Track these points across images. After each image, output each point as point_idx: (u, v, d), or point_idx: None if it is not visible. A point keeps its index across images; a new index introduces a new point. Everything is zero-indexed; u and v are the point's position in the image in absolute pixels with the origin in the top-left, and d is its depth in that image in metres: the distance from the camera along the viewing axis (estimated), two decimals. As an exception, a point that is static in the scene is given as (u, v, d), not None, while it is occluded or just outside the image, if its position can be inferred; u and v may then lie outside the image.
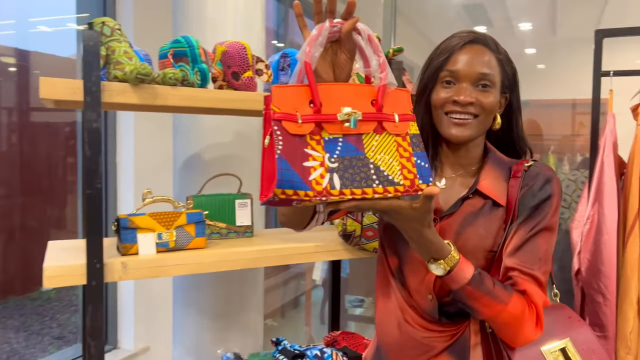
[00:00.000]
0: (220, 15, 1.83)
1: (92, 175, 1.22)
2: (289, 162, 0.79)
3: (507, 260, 1.02)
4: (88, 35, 1.22)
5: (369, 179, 0.83)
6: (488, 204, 1.07)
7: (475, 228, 1.06)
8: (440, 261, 0.96)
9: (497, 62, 1.08)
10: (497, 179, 1.09)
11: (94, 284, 1.26)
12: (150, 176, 2.60)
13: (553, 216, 1.04)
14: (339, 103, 0.84)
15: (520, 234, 1.03)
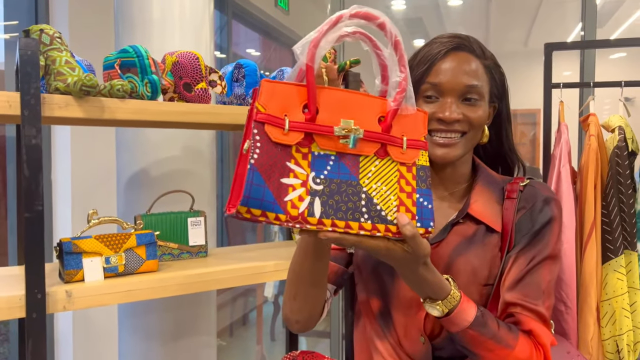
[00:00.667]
0: (166, 22, 1.74)
1: (31, 196, 1.11)
2: (262, 176, 0.65)
3: (508, 295, 0.90)
4: (25, 44, 1.11)
5: (357, 211, 0.69)
6: (481, 229, 0.94)
7: (467, 258, 0.93)
8: (438, 302, 0.84)
9: (485, 69, 0.95)
10: (490, 200, 0.96)
11: (34, 317, 1.13)
12: (90, 195, 2.44)
13: (557, 243, 0.93)
14: (340, 114, 0.70)
15: (520, 265, 0.91)
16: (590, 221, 1.51)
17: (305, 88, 0.69)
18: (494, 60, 0.99)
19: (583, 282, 1.52)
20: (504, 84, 1.00)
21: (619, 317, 1.49)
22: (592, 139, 1.53)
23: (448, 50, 0.94)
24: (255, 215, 0.65)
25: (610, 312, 1.51)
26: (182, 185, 1.68)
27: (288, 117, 0.67)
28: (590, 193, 1.52)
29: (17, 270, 1.40)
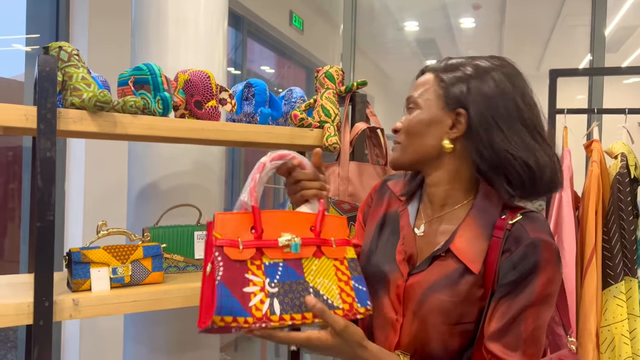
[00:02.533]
0: (180, 41, 1.79)
1: (44, 206, 1.15)
2: (229, 289, 0.79)
3: (489, 345, 0.87)
4: (44, 60, 1.16)
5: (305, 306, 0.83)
6: (461, 267, 0.90)
7: (440, 297, 0.90)
8: None
9: (438, 79, 0.95)
10: (476, 236, 0.91)
11: (41, 324, 1.17)
12: (101, 206, 2.49)
13: (544, 289, 0.86)
14: (280, 229, 0.86)
15: (501, 313, 0.87)
16: (591, 247, 1.51)
17: (249, 214, 0.86)
18: (463, 70, 0.94)
19: (583, 307, 1.52)
20: (477, 89, 0.91)
21: (618, 344, 1.48)
22: (595, 165, 1.54)
23: (416, 78, 1.01)
24: (227, 322, 0.78)
25: (609, 338, 1.50)
26: (190, 199, 1.72)
27: (240, 238, 0.83)
28: (592, 218, 1.52)
29: (27, 278, 1.44)
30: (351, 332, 0.84)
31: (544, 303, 0.87)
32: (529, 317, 0.86)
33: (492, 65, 0.94)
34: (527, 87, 0.95)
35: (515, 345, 0.86)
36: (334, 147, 1.51)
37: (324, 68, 1.60)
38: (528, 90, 0.94)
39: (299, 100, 1.65)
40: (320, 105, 1.57)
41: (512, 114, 0.91)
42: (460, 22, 4.63)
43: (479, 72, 0.93)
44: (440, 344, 0.91)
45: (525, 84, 0.95)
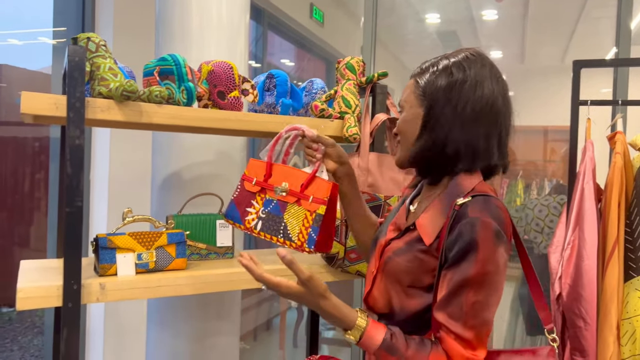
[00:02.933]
0: (204, 32, 1.82)
1: (73, 193, 1.19)
2: (236, 205, 1.25)
3: (436, 314, 0.99)
4: (73, 51, 1.19)
5: (277, 231, 1.19)
6: (418, 238, 1.04)
7: (398, 260, 1.05)
8: (349, 332, 1.00)
9: (414, 81, 1.08)
10: (439, 213, 1.03)
11: (70, 306, 1.21)
12: (125, 194, 2.54)
13: (482, 267, 0.95)
14: (282, 179, 1.21)
15: (445, 284, 0.98)
16: (613, 239, 1.50)
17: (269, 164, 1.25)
18: (434, 68, 1.06)
19: (604, 299, 1.51)
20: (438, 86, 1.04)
21: (639, 337, 1.47)
22: (618, 157, 1.52)
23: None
24: (230, 223, 1.26)
25: (630, 331, 1.49)
26: (213, 188, 1.75)
27: (256, 178, 1.23)
28: (614, 211, 1.51)
29: (56, 263, 1.48)
30: (314, 283, 0.99)
31: (483, 281, 0.95)
32: (469, 290, 0.95)
33: (455, 60, 1.05)
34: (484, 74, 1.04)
35: (458, 315, 0.96)
36: (354, 138, 1.52)
37: (345, 59, 1.61)
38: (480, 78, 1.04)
39: (320, 91, 1.67)
40: (340, 96, 1.58)
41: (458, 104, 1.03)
42: (482, 14, 4.57)
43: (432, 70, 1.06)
44: (397, 302, 1.06)
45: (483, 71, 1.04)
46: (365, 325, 0.99)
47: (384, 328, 1.00)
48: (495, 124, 1.03)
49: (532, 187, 4.04)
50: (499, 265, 0.96)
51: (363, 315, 1.01)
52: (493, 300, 0.97)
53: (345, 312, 1.01)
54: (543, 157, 4.06)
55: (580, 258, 1.53)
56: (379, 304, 1.10)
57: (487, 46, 5.38)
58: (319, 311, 1.01)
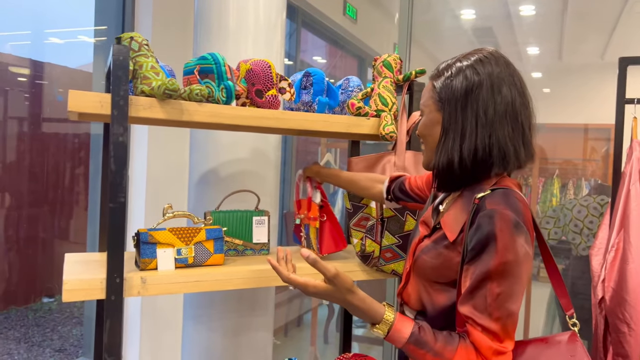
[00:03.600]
0: (241, 32, 1.84)
1: (116, 189, 1.22)
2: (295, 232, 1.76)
3: (461, 307, 1.00)
4: (117, 50, 1.22)
5: (310, 245, 1.64)
6: (443, 236, 1.07)
7: (427, 258, 1.08)
8: (377, 325, 1.02)
9: (431, 85, 1.10)
10: (461, 211, 1.05)
11: (113, 299, 1.24)
12: (163, 190, 2.59)
13: (502, 257, 0.95)
14: (304, 210, 1.67)
15: (468, 277, 0.99)
16: (659, 242, 1.45)
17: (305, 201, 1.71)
18: (450, 70, 1.06)
19: (649, 303, 1.46)
20: (452, 90, 1.05)
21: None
22: (665, 157, 1.48)
23: None
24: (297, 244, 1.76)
25: (676, 336, 1.44)
26: (248, 185, 1.77)
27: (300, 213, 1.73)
28: (661, 212, 1.46)
29: (98, 257, 1.53)
30: (341, 279, 1.01)
31: (504, 272, 0.95)
32: (491, 282, 0.96)
33: (468, 63, 1.05)
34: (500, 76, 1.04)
35: (482, 307, 0.96)
36: (390, 136, 1.52)
37: (382, 57, 1.61)
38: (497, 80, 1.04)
39: (356, 89, 1.66)
40: (377, 93, 1.57)
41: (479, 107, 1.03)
42: (519, 9, 4.47)
43: (448, 73, 1.06)
44: (427, 298, 1.09)
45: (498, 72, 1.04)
46: (392, 319, 1.01)
47: (411, 322, 1.01)
48: (517, 123, 1.03)
49: (569, 186, 3.94)
50: (518, 255, 0.96)
51: (391, 309, 1.03)
52: (517, 290, 0.97)
53: (374, 306, 1.03)
54: (582, 156, 3.95)
55: (624, 261, 1.49)
56: (412, 300, 1.13)
57: (524, 42, 5.27)
58: (347, 306, 1.03)
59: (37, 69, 3.62)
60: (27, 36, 3.66)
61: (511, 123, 1.03)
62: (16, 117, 3.52)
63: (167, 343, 2.68)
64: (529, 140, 1.06)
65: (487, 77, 1.03)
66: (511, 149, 1.03)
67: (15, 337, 3.41)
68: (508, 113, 1.02)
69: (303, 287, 1.04)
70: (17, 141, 3.50)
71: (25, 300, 3.75)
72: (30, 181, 3.54)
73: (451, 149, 1.04)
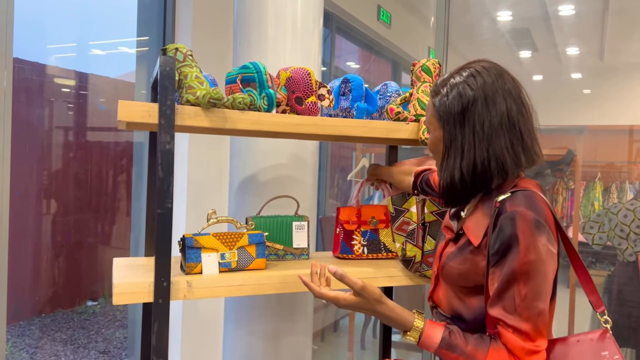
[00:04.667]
0: (279, 40, 1.87)
1: (163, 195, 1.26)
2: (345, 243, 1.71)
3: (490, 310, 1.01)
4: (164, 61, 1.26)
5: (379, 249, 1.71)
6: (467, 241, 1.09)
7: (454, 264, 1.11)
8: (408, 333, 1.07)
9: (432, 104, 1.12)
10: (483, 216, 1.07)
11: (160, 302, 1.28)
12: (203, 196, 2.65)
13: (525, 257, 0.97)
14: (370, 215, 1.72)
15: (495, 280, 1.01)
16: None
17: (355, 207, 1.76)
18: (444, 91, 1.09)
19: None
20: (449, 109, 1.07)
21: None
22: None
23: None
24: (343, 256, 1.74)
25: None
26: (287, 190, 1.79)
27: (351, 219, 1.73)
28: None
29: (144, 261, 1.57)
30: (369, 291, 1.07)
31: (529, 271, 0.97)
32: (518, 283, 0.98)
33: (460, 80, 1.08)
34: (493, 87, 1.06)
35: (512, 309, 0.98)
36: (430, 141, 1.51)
37: (420, 61, 1.61)
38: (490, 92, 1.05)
39: (394, 94, 1.67)
40: (416, 98, 1.57)
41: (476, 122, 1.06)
42: (558, 9, 4.38)
43: (444, 93, 1.09)
44: (459, 303, 1.10)
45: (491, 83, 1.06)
46: (422, 325, 1.05)
47: (441, 327, 1.05)
48: (515, 132, 1.05)
49: (612, 190, 3.82)
50: (541, 254, 0.97)
51: (420, 316, 1.07)
52: (543, 289, 0.99)
53: (404, 314, 1.08)
54: (627, 159, 3.83)
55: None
56: (443, 304, 1.16)
57: (563, 43, 5.16)
58: (378, 316, 1.09)
59: (81, 79, 3.76)
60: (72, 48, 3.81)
61: (508, 133, 1.04)
62: (62, 127, 3.67)
63: (208, 346, 2.73)
64: (530, 147, 1.07)
65: (481, 91, 1.05)
66: (509, 159, 1.04)
67: (62, 339, 3.54)
68: (504, 124, 1.04)
69: (335, 301, 1.11)
70: (63, 150, 3.64)
71: (70, 303, 3.88)
72: (75, 188, 3.67)
73: (452, 166, 1.07)
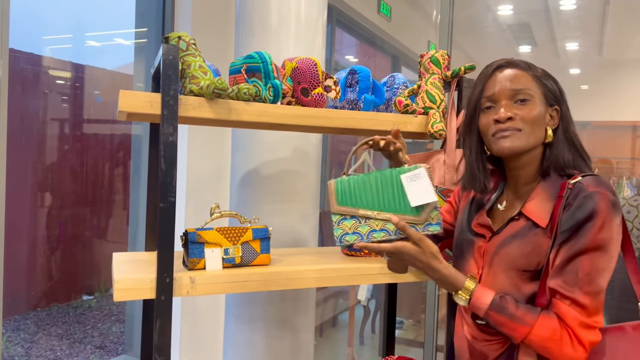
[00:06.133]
0: (282, 30, 1.83)
1: (166, 188, 1.22)
2: None
3: (550, 282, 1.03)
4: (167, 49, 1.22)
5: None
6: (529, 224, 1.10)
7: (509, 249, 1.10)
8: (459, 292, 1.09)
9: (532, 77, 1.13)
10: (546, 199, 1.09)
11: (163, 299, 1.24)
12: (203, 190, 2.60)
13: (598, 234, 0.99)
14: None
15: (561, 256, 1.02)
16: None
17: None
18: (544, 72, 1.16)
19: None
20: (559, 89, 1.14)
21: None
22: None
23: (495, 69, 1.16)
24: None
25: None
26: (290, 184, 1.76)
27: None
28: None
29: (145, 256, 1.53)
30: (427, 243, 1.11)
31: (599, 248, 0.99)
32: (586, 259, 0.99)
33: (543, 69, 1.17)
34: None
35: (573, 282, 0.99)
36: (439, 134, 1.48)
37: (429, 53, 1.57)
38: None
39: (402, 86, 1.63)
40: (424, 90, 1.54)
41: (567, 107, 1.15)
42: (559, 4, 4.35)
43: (547, 73, 1.16)
44: (513, 289, 1.09)
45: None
46: (474, 286, 1.08)
47: (492, 292, 1.07)
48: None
49: (612, 186, 3.81)
50: (613, 234, 1.00)
51: (472, 279, 1.11)
52: (608, 267, 1.00)
53: (457, 274, 1.11)
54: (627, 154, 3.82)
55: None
56: None
57: (563, 38, 5.12)
58: (431, 271, 1.11)
59: (77, 71, 3.70)
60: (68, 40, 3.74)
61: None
62: (57, 119, 3.60)
63: (207, 342, 2.69)
64: None
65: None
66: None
67: (57, 334, 3.49)
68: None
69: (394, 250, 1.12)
70: (59, 142, 3.58)
71: (66, 297, 3.83)
72: (71, 181, 3.61)
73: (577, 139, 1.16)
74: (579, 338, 0.99)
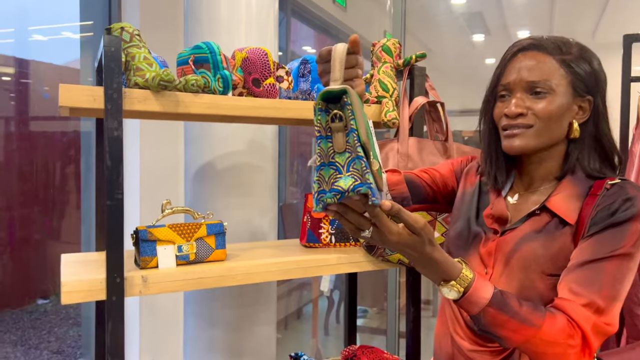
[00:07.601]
0: (233, 21, 1.79)
1: (113, 185, 1.17)
2: (312, 232, 1.56)
3: (565, 277, 0.92)
4: (109, 41, 1.17)
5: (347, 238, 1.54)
6: (554, 222, 0.98)
7: (533, 246, 0.97)
8: (452, 282, 0.88)
9: (559, 63, 0.99)
10: (572, 196, 0.98)
11: (114, 299, 1.20)
12: (157, 186, 2.54)
13: (630, 240, 0.91)
14: None
15: (585, 251, 0.91)
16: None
17: None
18: (580, 55, 1.01)
19: None
20: (595, 77, 1.01)
21: None
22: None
23: (515, 52, 1.03)
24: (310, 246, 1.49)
25: None
26: (246, 178, 1.73)
27: None
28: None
29: (95, 256, 1.48)
30: (428, 230, 0.87)
31: (630, 254, 0.90)
32: (613, 261, 0.90)
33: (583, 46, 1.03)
34: None
35: (592, 281, 0.89)
36: (392, 123, 1.48)
37: (380, 41, 1.56)
38: None
39: (355, 75, 1.62)
40: (377, 79, 1.53)
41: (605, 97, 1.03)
42: (510, -8, 4.44)
43: (584, 55, 1.01)
44: (533, 292, 0.96)
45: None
46: (472, 276, 0.88)
47: (491, 284, 0.90)
48: None
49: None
50: None
51: (468, 267, 0.91)
52: (629, 279, 0.92)
53: (452, 260, 0.90)
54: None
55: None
56: None
57: (514, 25, 5.24)
58: (423, 259, 0.88)
59: (21, 66, 3.54)
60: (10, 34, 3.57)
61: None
62: (1, 117, 3.44)
63: (168, 340, 2.64)
64: None
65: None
66: None
67: (11, 341, 3.36)
68: None
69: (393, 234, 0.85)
70: (4, 141, 3.42)
71: (19, 302, 3.69)
72: (19, 181, 3.46)
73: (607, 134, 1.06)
74: (589, 343, 0.87)
